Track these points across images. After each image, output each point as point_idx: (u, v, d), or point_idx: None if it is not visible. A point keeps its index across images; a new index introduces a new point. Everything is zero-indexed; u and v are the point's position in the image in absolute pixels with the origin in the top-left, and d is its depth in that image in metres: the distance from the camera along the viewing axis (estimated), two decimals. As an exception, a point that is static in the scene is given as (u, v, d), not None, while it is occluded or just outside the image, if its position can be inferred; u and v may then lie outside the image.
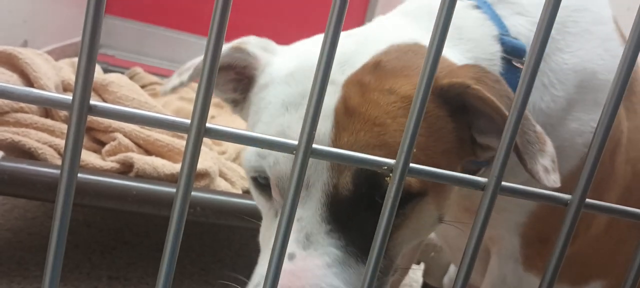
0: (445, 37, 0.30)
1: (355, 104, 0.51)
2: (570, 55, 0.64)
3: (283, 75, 0.58)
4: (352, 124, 0.51)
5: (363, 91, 0.52)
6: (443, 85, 0.52)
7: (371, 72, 0.54)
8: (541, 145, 0.49)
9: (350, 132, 0.50)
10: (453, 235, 0.85)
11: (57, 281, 0.31)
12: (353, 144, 0.50)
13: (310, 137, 0.30)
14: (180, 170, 0.30)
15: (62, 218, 0.29)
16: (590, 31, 0.65)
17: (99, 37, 0.27)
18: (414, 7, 0.66)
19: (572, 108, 0.64)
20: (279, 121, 0.54)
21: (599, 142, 0.34)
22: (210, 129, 0.30)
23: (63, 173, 0.29)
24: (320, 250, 0.50)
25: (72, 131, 0.28)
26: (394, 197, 0.32)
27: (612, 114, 0.34)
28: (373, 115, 0.51)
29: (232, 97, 0.70)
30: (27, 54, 1.09)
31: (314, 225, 0.50)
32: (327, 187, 0.51)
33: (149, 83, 1.89)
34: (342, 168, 0.50)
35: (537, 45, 0.31)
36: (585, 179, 0.34)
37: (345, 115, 0.51)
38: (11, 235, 1.15)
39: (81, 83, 0.28)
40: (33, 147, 0.94)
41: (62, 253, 0.31)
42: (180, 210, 0.30)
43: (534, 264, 0.71)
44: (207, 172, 1.04)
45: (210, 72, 0.28)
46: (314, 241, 0.50)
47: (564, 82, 0.63)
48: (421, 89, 0.30)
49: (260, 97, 0.59)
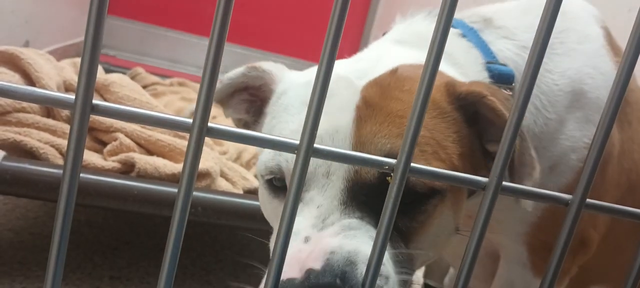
0: (443, 48, 0.30)
1: (376, 100, 0.53)
2: (559, 75, 0.65)
3: (302, 81, 0.60)
4: (375, 116, 0.52)
5: (383, 90, 0.54)
6: (461, 91, 0.55)
7: (390, 76, 0.56)
8: (531, 169, 0.52)
9: (373, 122, 0.52)
10: (455, 242, 0.85)
11: (59, 281, 0.31)
12: (377, 133, 0.51)
13: (311, 137, 0.30)
14: (182, 169, 0.30)
15: (65, 218, 0.30)
16: (577, 50, 0.67)
17: (101, 37, 0.27)
18: (406, 35, 0.68)
19: (564, 127, 0.66)
20: (299, 118, 0.55)
21: (599, 142, 0.35)
22: (212, 128, 0.30)
23: (65, 171, 0.29)
24: (336, 225, 0.49)
25: (75, 130, 0.28)
26: (395, 197, 0.32)
27: (614, 110, 0.34)
28: (395, 108, 0.52)
29: (244, 118, 0.71)
30: (29, 54, 1.10)
31: (331, 210, 0.50)
32: (348, 174, 0.51)
33: (151, 83, 1.89)
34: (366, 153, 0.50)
35: (534, 57, 0.31)
36: (586, 179, 0.34)
37: (367, 109, 0.53)
38: (13, 235, 1.16)
39: (84, 82, 0.28)
40: (35, 147, 0.95)
41: (64, 253, 0.31)
42: (182, 210, 0.30)
43: (542, 269, 0.72)
44: (209, 172, 1.04)
45: (212, 72, 0.29)
46: (330, 222, 0.50)
47: (555, 103, 0.65)
48: (421, 93, 0.30)
49: (278, 104, 0.61)
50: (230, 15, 0.28)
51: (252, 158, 1.32)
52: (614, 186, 0.70)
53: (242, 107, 0.70)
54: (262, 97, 0.66)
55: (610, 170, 0.69)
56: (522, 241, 0.71)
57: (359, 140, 0.51)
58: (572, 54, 0.66)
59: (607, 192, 0.69)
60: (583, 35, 0.68)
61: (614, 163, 0.69)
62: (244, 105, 0.70)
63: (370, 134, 0.51)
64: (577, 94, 0.65)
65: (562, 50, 0.66)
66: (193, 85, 2.00)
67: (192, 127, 0.29)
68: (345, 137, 0.52)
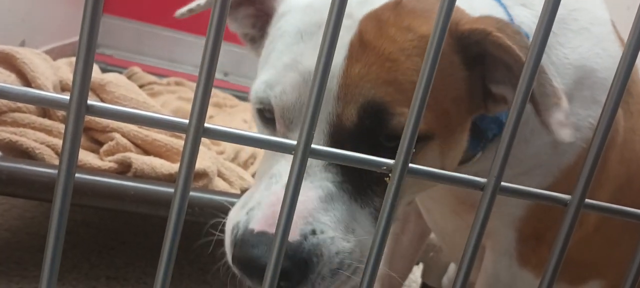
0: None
1: (371, 38, 0.51)
2: (571, 50, 0.64)
3: (302, 5, 0.57)
4: (366, 56, 0.50)
5: (380, 26, 0.52)
6: (464, 30, 0.52)
7: (391, 9, 0.53)
8: (557, 99, 0.49)
9: (363, 64, 0.50)
10: (450, 231, 0.85)
11: (55, 281, 0.31)
12: (364, 76, 0.50)
13: (309, 138, 0.30)
14: (179, 170, 0.30)
15: (60, 218, 0.29)
16: (589, 30, 0.66)
17: (96, 37, 0.27)
18: None
19: (570, 103, 0.64)
20: (293, 49, 0.54)
21: (598, 142, 0.34)
22: (209, 129, 0.29)
23: (60, 173, 0.28)
24: (315, 182, 0.49)
25: (70, 131, 0.28)
26: (393, 197, 0.31)
27: (611, 115, 0.34)
28: (387, 50, 0.50)
29: (250, 32, 0.69)
30: (25, 54, 1.09)
31: None
32: (331, 117, 0.50)
33: (147, 83, 1.89)
34: (348, 99, 0.50)
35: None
36: (584, 179, 0.34)
37: (360, 47, 0.51)
38: (10, 235, 1.15)
39: (79, 83, 0.27)
40: (30, 147, 0.94)
41: (59, 253, 0.30)
42: (179, 210, 0.30)
43: (529, 260, 0.71)
44: (206, 172, 1.04)
45: (208, 71, 0.28)
46: (311, 173, 0.50)
47: (564, 76, 0.63)
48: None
49: (277, 27, 0.59)
50: (227, 13, 0.28)
51: (250, 158, 1.32)
52: (614, 176, 0.70)
53: (248, 21, 0.68)
54: (268, 12, 0.64)
55: (613, 157, 0.68)
56: (515, 227, 0.70)
57: (345, 82, 0.50)
58: (584, 33, 0.65)
59: (607, 180, 0.69)
60: (595, 17, 0.67)
61: (617, 151, 0.69)
62: (250, 19, 0.68)
63: (356, 77, 0.50)
64: (586, 72, 0.64)
65: (575, 27, 0.65)
66: (190, 85, 1.99)
67: (188, 127, 0.29)
68: (333, 77, 0.50)
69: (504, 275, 0.73)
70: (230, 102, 1.99)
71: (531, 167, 0.66)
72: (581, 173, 0.34)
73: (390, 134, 0.51)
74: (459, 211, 0.76)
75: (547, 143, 0.64)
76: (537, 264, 0.71)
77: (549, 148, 0.65)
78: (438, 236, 0.94)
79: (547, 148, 0.65)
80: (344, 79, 0.50)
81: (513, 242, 0.71)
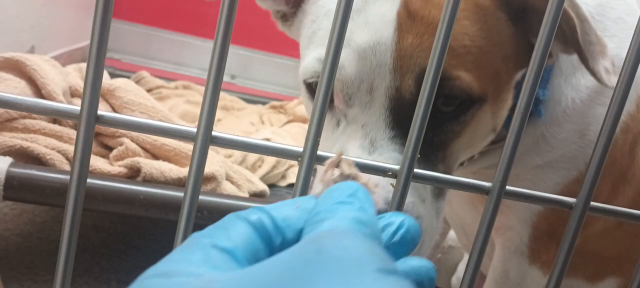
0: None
1: (417, 7, 0.51)
2: (608, 39, 0.63)
3: None
4: (416, 26, 0.51)
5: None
6: None
7: None
8: (602, 47, 0.49)
9: (415, 34, 0.51)
10: (469, 222, 0.84)
11: (68, 285, 0.32)
12: (417, 47, 0.50)
13: (314, 144, 0.30)
14: (188, 177, 0.30)
15: (72, 226, 0.30)
16: (625, 21, 0.66)
17: (105, 48, 0.28)
18: None
19: (601, 92, 0.64)
20: None
21: (603, 144, 0.35)
22: (217, 137, 0.30)
23: (72, 182, 0.29)
24: (385, 155, 0.50)
25: (81, 140, 0.29)
26: (399, 201, 0.32)
27: (616, 116, 0.34)
28: (437, 18, 0.50)
29: (282, 9, 0.68)
30: (35, 60, 1.10)
31: (378, 130, 0.51)
32: (390, 91, 0.51)
33: (155, 87, 1.90)
34: (404, 70, 0.51)
35: None
36: (589, 182, 0.34)
37: (408, 18, 0.51)
38: (21, 240, 1.16)
39: (89, 93, 0.28)
40: (41, 153, 0.95)
41: (72, 258, 0.31)
42: (188, 214, 0.31)
43: (539, 257, 0.71)
44: (214, 176, 1.04)
45: (216, 80, 0.29)
46: (379, 146, 0.50)
47: None
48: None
49: (319, 5, 0.59)
50: (234, 16, 0.28)
51: (258, 160, 1.32)
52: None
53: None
54: None
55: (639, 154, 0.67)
56: (531, 222, 0.69)
57: (399, 54, 0.51)
58: (620, 23, 0.66)
59: (635, 176, 0.68)
60: (631, 8, 0.68)
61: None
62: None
63: (410, 48, 0.50)
64: (619, 61, 0.64)
65: (613, 16, 0.65)
66: (198, 88, 2.00)
67: (196, 136, 0.29)
68: (386, 50, 0.51)
69: (513, 272, 0.72)
70: (238, 105, 2.00)
71: (558, 157, 0.65)
72: (586, 176, 0.34)
73: (447, 97, 0.51)
74: (476, 203, 0.76)
75: (576, 130, 0.64)
76: (546, 262, 0.71)
77: (577, 136, 0.64)
78: (455, 228, 0.93)
79: (575, 136, 0.64)
80: (397, 51, 0.51)
81: (526, 238, 0.71)
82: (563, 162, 0.65)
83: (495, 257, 0.75)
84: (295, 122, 1.82)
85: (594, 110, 0.64)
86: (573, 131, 0.64)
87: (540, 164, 0.65)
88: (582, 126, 0.64)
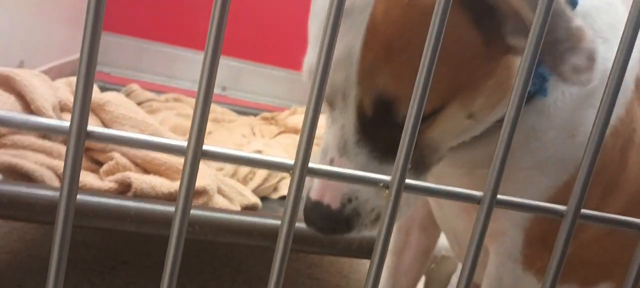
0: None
1: (379, 21, 0.52)
2: (601, 43, 0.62)
3: None
4: (375, 43, 0.52)
5: (388, 7, 0.51)
6: None
7: None
8: (574, 42, 0.46)
9: (374, 52, 0.52)
10: (461, 230, 0.84)
11: (57, 306, 0.31)
12: (374, 66, 0.52)
13: (306, 157, 0.30)
14: (178, 192, 0.30)
15: (62, 244, 0.30)
16: (616, 27, 0.64)
17: (95, 65, 0.27)
18: None
19: (592, 95, 0.63)
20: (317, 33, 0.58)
21: (593, 149, 0.35)
22: (207, 151, 0.30)
23: (61, 199, 0.29)
24: (351, 158, 0.56)
25: (70, 157, 0.28)
26: (391, 215, 0.32)
27: (605, 119, 0.35)
28: (392, 36, 0.51)
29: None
30: (24, 75, 1.10)
31: (350, 133, 0.56)
32: (357, 100, 0.54)
33: (146, 100, 1.89)
34: (365, 88, 0.53)
35: None
36: (579, 190, 0.35)
37: (371, 32, 0.52)
38: (10, 258, 1.15)
39: (78, 109, 0.28)
40: (30, 170, 0.94)
41: (62, 276, 0.31)
42: (180, 230, 0.31)
43: (533, 263, 0.70)
44: (205, 190, 1.04)
45: (206, 93, 0.29)
46: (348, 149, 0.56)
47: None
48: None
49: (312, 4, 0.62)
50: (224, 29, 0.28)
51: (249, 173, 1.32)
52: (634, 178, 0.68)
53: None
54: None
55: (632, 159, 0.67)
56: (523, 227, 0.69)
57: (362, 71, 0.53)
58: (612, 30, 0.65)
59: (627, 181, 0.68)
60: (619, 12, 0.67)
61: (636, 152, 0.67)
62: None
63: (369, 67, 0.52)
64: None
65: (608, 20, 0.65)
66: (188, 101, 2.00)
67: (187, 150, 0.29)
68: (355, 63, 0.53)
69: (507, 278, 0.72)
70: (229, 117, 2.00)
71: (548, 158, 0.64)
72: (575, 184, 0.34)
73: (403, 118, 0.52)
74: (470, 210, 0.75)
75: (565, 128, 0.63)
76: (540, 268, 0.71)
77: (567, 137, 0.63)
78: (448, 235, 0.93)
79: (564, 136, 0.63)
80: (361, 67, 0.52)
81: (519, 244, 0.70)
82: (553, 164, 0.64)
83: (489, 264, 0.75)
84: (287, 133, 1.82)
85: (583, 110, 0.63)
86: (562, 129, 0.63)
87: (531, 165, 0.64)
88: (571, 125, 0.63)
